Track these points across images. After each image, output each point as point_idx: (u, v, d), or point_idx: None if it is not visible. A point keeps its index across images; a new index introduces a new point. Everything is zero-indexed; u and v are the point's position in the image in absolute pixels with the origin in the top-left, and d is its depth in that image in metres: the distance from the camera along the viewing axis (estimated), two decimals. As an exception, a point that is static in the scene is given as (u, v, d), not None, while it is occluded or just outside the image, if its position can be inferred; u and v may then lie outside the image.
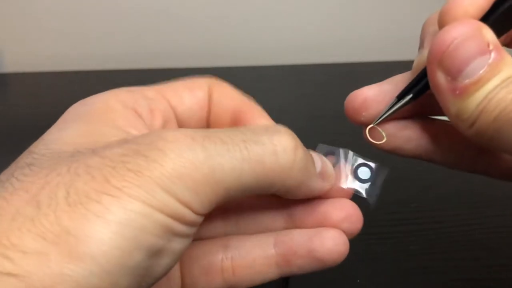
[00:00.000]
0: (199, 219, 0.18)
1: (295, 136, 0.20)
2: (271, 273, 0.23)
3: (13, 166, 0.19)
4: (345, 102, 0.24)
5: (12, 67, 0.66)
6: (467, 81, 0.19)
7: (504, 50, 0.19)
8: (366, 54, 0.66)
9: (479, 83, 0.19)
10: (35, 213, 0.16)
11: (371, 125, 0.23)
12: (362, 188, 0.24)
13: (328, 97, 0.57)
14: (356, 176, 0.23)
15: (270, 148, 0.19)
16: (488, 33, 0.19)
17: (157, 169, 0.17)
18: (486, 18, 0.20)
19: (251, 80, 0.62)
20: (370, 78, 0.24)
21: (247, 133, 0.19)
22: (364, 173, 0.24)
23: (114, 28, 0.65)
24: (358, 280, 0.34)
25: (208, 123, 0.24)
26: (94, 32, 0.66)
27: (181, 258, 0.23)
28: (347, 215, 0.23)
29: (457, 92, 0.19)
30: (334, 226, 0.23)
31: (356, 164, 0.24)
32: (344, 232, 0.22)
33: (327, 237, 0.22)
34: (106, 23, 0.65)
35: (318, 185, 0.22)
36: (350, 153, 0.24)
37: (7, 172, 0.18)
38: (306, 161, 0.20)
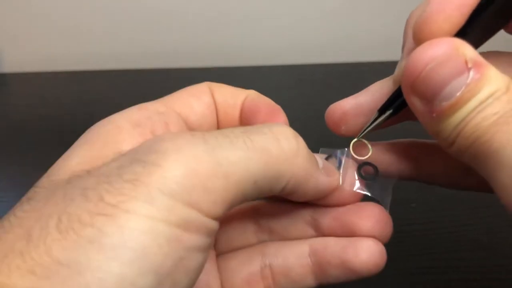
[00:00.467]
0: (214, 224, 0.16)
1: (292, 129, 0.20)
2: (308, 281, 0.22)
3: (16, 203, 0.17)
4: (325, 115, 0.24)
5: (12, 67, 0.66)
6: (443, 103, 0.18)
7: (486, 64, 0.18)
8: (366, 54, 0.66)
9: (456, 106, 0.18)
10: (25, 246, 0.14)
11: (355, 140, 0.23)
12: (373, 189, 0.23)
13: (328, 97, 0.57)
14: (360, 175, 0.23)
15: (272, 137, 0.18)
16: (467, 49, 0.18)
17: (157, 172, 0.15)
18: (464, 31, 0.19)
19: (251, 80, 0.62)
20: (370, 78, 0.24)
21: (246, 128, 0.19)
22: (369, 171, 0.23)
23: (114, 28, 0.65)
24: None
25: (218, 125, 0.24)
26: (94, 32, 0.66)
27: (221, 271, 0.23)
28: (376, 221, 0.22)
29: (434, 114, 0.18)
30: (365, 234, 0.22)
31: (360, 163, 0.23)
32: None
33: (361, 247, 0.21)
34: (106, 23, 0.65)
35: (325, 180, 0.21)
36: (352, 153, 0.23)
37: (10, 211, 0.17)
38: (308, 151, 0.20)
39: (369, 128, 0.23)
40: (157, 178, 0.15)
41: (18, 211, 0.16)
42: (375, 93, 0.23)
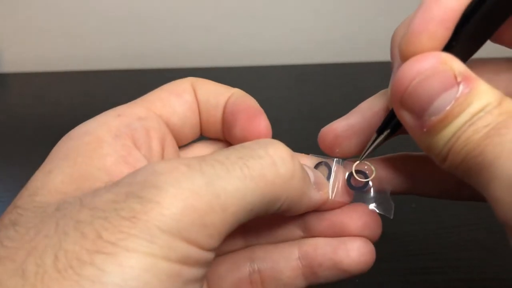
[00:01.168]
0: (211, 255, 0.17)
1: (286, 146, 0.19)
2: (299, 283, 0.22)
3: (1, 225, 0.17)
4: (318, 138, 0.23)
5: (12, 67, 0.66)
6: (433, 118, 0.18)
7: (476, 78, 0.18)
8: (366, 54, 0.66)
9: (446, 120, 0.17)
10: (20, 285, 0.14)
11: (357, 162, 0.23)
12: (363, 199, 0.23)
13: (328, 97, 0.57)
14: (350, 185, 0.23)
15: (268, 160, 0.18)
16: (455, 63, 0.18)
17: (155, 209, 0.15)
18: (450, 44, 0.18)
19: (251, 80, 0.62)
20: (369, 78, 0.24)
21: (241, 150, 0.18)
22: (359, 180, 0.23)
23: (114, 28, 0.65)
24: (357, 280, 0.34)
25: (201, 125, 0.23)
26: (94, 32, 0.66)
27: (209, 277, 0.23)
28: (366, 221, 0.22)
29: (424, 129, 0.18)
30: (355, 234, 0.22)
31: (349, 172, 0.23)
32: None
33: (352, 247, 0.22)
34: (106, 23, 0.65)
35: (317, 195, 0.21)
36: (342, 162, 0.23)
37: None
38: (303, 169, 0.20)
39: (369, 150, 0.23)
40: (155, 215, 0.15)
41: (4, 238, 0.15)
42: (366, 113, 0.23)
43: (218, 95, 0.23)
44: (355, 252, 0.21)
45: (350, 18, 0.66)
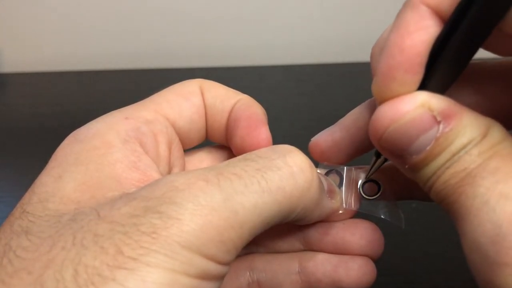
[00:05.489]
0: (226, 269, 0.17)
1: (304, 154, 0.19)
2: None
3: (7, 229, 0.16)
4: (308, 149, 0.23)
5: (12, 67, 0.66)
6: (414, 157, 0.17)
7: (458, 113, 0.17)
8: (366, 54, 0.66)
9: (426, 159, 0.17)
10: None
11: (362, 181, 0.23)
12: (376, 208, 0.23)
13: (328, 97, 0.57)
14: (362, 194, 0.22)
15: (287, 171, 0.18)
16: (433, 102, 0.17)
17: (175, 226, 0.15)
18: (425, 82, 0.17)
19: (251, 80, 0.62)
20: (369, 78, 0.24)
21: (259, 161, 0.18)
22: (372, 189, 0.23)
23: (114, 28, 0.65)
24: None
25: (207, 129, 0.23)
26: (94, 32, 0.66)
27: None
28: (370, 240, 0.22)
29: (406, 166, 0.18)
30: (357, 253, 0.22)
31: (361, 181, 0.23)
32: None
33: (353, 267, 0.21)
34: (106, 23, 0.65)
35: (330, 204, 0.21)
36: (353, 170, 0.23)
37: (1, 236, 0.16)
38: (319, 178, 0.19)
39: (371, 171, 0.22)
40: (175, 231, 0.15)
41: (17, 247, 0.15)
42: (350, 128, 0.22)
43: (224, 100, 0.22)
44: (355, 272, 0.21)
45: (350, 18, 0.66)
